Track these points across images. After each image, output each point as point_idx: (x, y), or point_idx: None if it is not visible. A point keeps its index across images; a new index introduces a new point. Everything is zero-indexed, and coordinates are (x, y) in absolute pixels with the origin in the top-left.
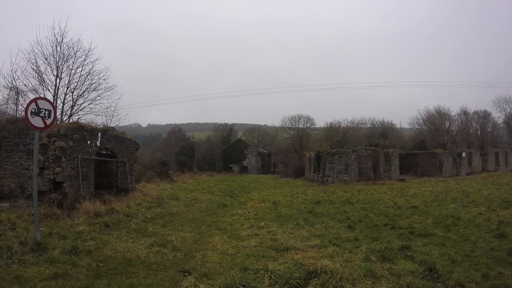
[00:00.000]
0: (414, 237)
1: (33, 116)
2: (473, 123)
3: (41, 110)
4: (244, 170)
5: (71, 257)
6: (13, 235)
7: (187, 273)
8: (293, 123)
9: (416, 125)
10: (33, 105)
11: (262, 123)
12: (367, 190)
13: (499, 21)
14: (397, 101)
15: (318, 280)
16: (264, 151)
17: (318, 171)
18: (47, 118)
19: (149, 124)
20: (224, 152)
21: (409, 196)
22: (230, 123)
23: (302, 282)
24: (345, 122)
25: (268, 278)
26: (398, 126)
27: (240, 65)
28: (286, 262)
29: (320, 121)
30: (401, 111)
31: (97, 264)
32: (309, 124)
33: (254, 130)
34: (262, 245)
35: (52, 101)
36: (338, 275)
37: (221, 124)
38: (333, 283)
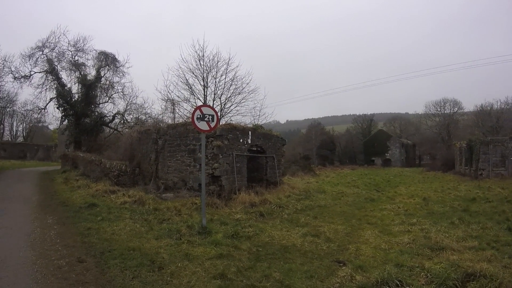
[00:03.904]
0: None
1: (199, 121)
2: None
3: (205, 116)
4: (387, 163)
5: (233, 241)
6: (180, 220)
7: (342, 264)
8: (438, 109)
9: None
10: (198, 112)
11: (403, 111)
12: None
13: None
14: None
15: (477, 283)
16: (408, 141)
17: (470, 163)
18: (211, 122)
19: (287, 121)
20: (365, 144)
21: None
22: (369, 113)
23: (459, 284)
24: (498, 104)
25: (424, 276)
26: None
27: (367, 55)
28: (442, 262)
29: (469, 104)
30: None
31: (256, 249)
32: (456, 108)
33: (395, 119)
34: (416, 243)
35: None
36: (498, 281)
37: (359, 115)
38: None
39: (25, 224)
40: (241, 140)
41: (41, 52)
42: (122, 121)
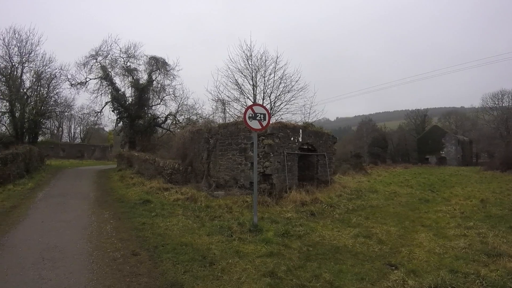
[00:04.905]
0: None
1: (250, 120)
2: None
3: (257, 115)
4: (442, 161)
5: (283, 240)
6: (231, 217)
7: (394, 267)
8: (495, 102)
9: None
10: (249, 111)
11: (458, 105)
12: None
13: None
14: None
15: None
16: (464, 138)
17: None
18: (262, 120)
19: (337, 118)
20: (418, 141)
21: None
22: (423, 108)
23: None
24: None
25: (479, 284)
26: None
27: (418, 46)
28: (498, 270)
29: None
30: None
31: (307, 248)
32: None
33: (450, 114)
34: (472, 248)
35: None
36: None
37: (412, 110)
38: None
39: (83, 218)
40: (291, 139)
41: (95, 60)
42: (174, 122)
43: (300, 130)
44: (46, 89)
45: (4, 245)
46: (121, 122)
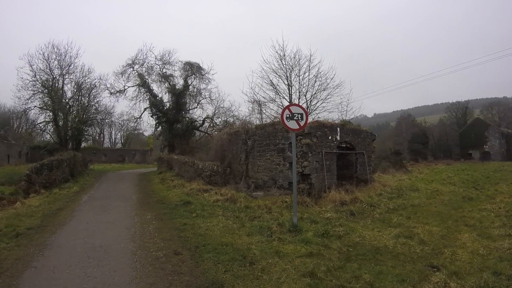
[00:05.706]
0: None
1: (288, 120)
2: None
3: (294, 115)
4: (485, 156)
5: (323, 240)
6: (270, 218)
7: (435, 269)
8: None
9: None
10: (287, 111)
11: (500, 95)
12: None
13: None
14: None
15: None
16: (509, 130)
17: None
18: (300, 120)
19: (374, 114)
20: (460, 136)
21: None
22: (464, 100)
23: None
24: None
25: None
26: None
27: (455, 35)
28: None
29: None
30: None
31: (347, 249)
32: None
33: (492, 105)
34: None
35: None
36: None
37: (453, 103)
38: None
39: (126, 219)
40: (329, 137)
41: (132, 69)
42: (211, 125)
43: (338, 128)
44: (87, 98)
45: (51, 245)
46: (160, 127)
